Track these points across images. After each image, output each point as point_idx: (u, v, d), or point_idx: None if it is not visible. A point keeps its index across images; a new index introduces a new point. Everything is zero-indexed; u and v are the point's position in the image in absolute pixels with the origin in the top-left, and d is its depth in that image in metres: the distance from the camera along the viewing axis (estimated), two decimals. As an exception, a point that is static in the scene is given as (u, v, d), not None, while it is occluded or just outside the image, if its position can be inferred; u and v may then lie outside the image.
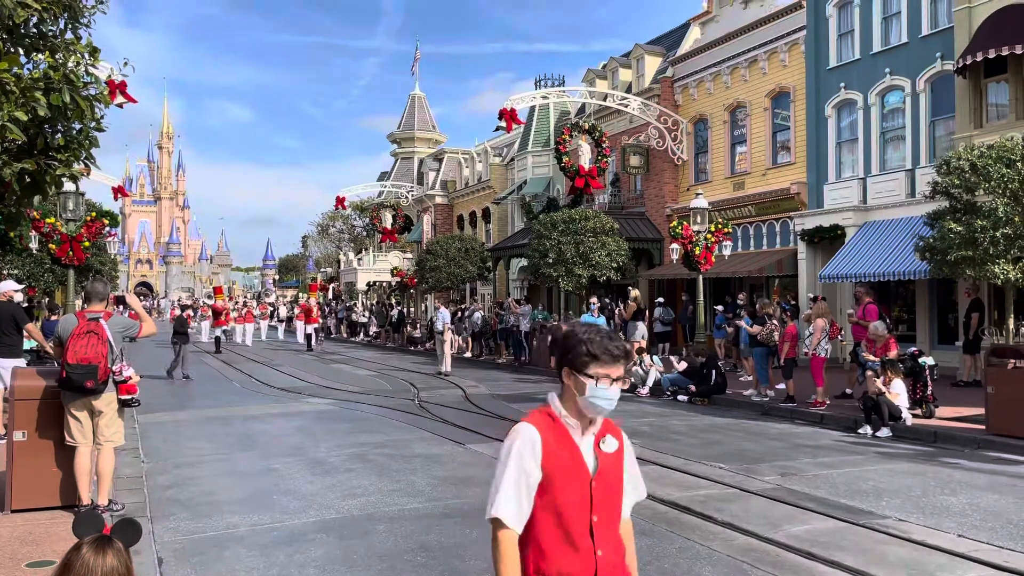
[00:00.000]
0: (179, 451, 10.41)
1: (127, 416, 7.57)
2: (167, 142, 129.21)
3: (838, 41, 21.71)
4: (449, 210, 44.99)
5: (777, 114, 24.01)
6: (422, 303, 41.38)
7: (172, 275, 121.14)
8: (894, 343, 12.76)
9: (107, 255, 30.08)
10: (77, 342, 6.63)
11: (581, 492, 2.39)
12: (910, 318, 19.99)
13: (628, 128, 29.17)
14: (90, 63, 5.75)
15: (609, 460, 2.45)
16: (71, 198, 14.58)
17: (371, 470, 9.10)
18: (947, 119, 18.58)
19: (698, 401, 14.98)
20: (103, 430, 6.82)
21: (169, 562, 5.87)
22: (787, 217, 22.90)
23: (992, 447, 10.32)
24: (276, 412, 14.21)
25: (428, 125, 53.05)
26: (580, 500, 2.38)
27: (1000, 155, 11.80)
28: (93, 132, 5.89)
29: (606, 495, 2.43)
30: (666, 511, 7.28)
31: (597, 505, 2.40)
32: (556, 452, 2.38)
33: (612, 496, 2.46)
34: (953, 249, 11.87)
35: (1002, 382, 10.61)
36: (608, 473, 2.44)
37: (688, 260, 19.11)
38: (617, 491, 2.48)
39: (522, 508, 2.38)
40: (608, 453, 2.45)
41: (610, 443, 2.47)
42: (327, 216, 70.31)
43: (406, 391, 17.35)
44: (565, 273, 22.18)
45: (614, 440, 2.48)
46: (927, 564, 5.82)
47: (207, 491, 8.19)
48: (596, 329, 2.48)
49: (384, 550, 6.16)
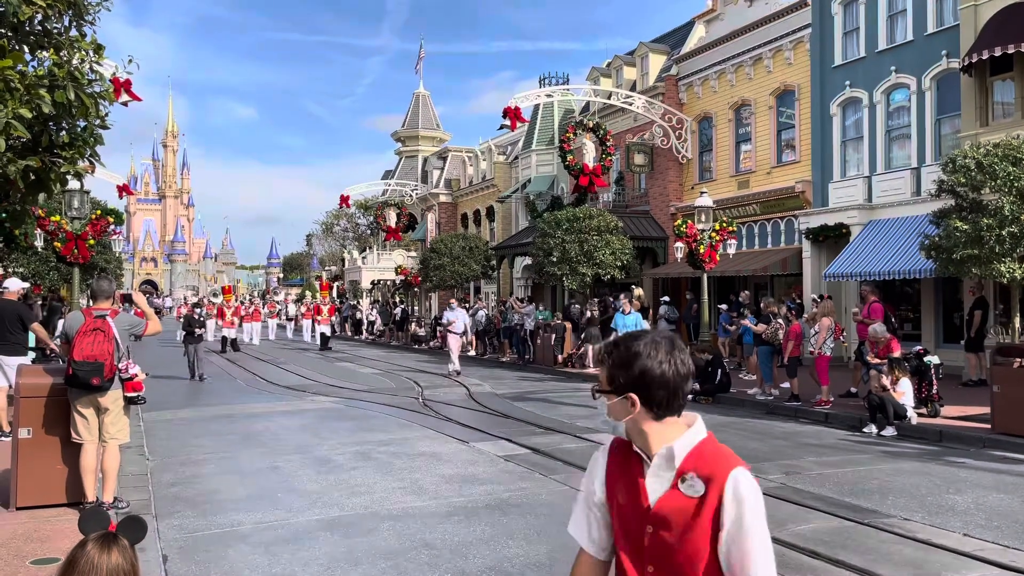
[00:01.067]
0: (184, 449, 10.43)
1: (132, 413, 7.60)
2: (172, 140, 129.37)
3: (843, 39, 21.64)
4: (453, 208, 44.98)
5: (782, 112, 23.95)
6: (426, 301, 41.41)
7: (176, 273, 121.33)
8: (896, 343, 12.72)
9: (112, 253, 30.09)
10: (83, 340, 6.65)
11: (634, 534, 2.02)
12: (915, 317, 19.93)
13: (632, 126, 29.13)
14: (95, 60, 5.75)
15: (681, 506, 1.93)
16: (76, 196, 14.60)
17: (375, 468, 9.11)
18: (953, 117, 18.51)
19: (702, 400, 14.96)
20: (109, 427, 6.84)
21: (174, 559, 5.88)
22: (792, 216, 22.85)
23: (998, 446, 10.28)
24: (280, 410, 14.22)
25: (432, 123, 53.05)
26: (633, 543, 2.03)
27: (1006, 153, 11.77)
28: (98, 129, 5.90)
29: (666, 548, 1.96)
30: (670, 510, 7.26)
31: (651, 555, 1.99)
32: (619, 478, 2.08)
33: (676, 552, 1.94)
34: (959, 248, 11.84)
35: (1008, 381, 10.57)
36: (674, 521, 1.94)
37: (692, 259, 19.08)
38: (687, 548, 1.93)
39: (592, 529, 2.14)
40: (683, 495, 1.94)
41: (693, 485, 1.93)
42: (331, 215, 70.41)
43: (410, 389, 17.36)
44: (569, 272, 22.18)
45: (701, 484, 1.92)
46: (932, 563, 5.80)
47: (212, 489, 8.20)
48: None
49: (388, 548, 6.16)
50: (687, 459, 1.97)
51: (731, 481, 1.91)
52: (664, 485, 1.98)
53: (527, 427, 12.11)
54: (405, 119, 53.17)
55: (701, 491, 1.92)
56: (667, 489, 1.97)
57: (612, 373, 2.05)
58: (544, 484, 8.32)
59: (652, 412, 2.01)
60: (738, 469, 1.94)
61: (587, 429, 11.80)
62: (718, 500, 1.91)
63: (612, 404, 2.05)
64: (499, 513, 7.15)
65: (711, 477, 1.93)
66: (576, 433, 11.41)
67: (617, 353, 2.05)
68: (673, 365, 1.99)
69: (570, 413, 13.61)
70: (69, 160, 5.81)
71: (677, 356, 2.01)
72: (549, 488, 8.13)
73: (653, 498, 1.99)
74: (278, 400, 15.69)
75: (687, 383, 2.02)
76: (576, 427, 12.02)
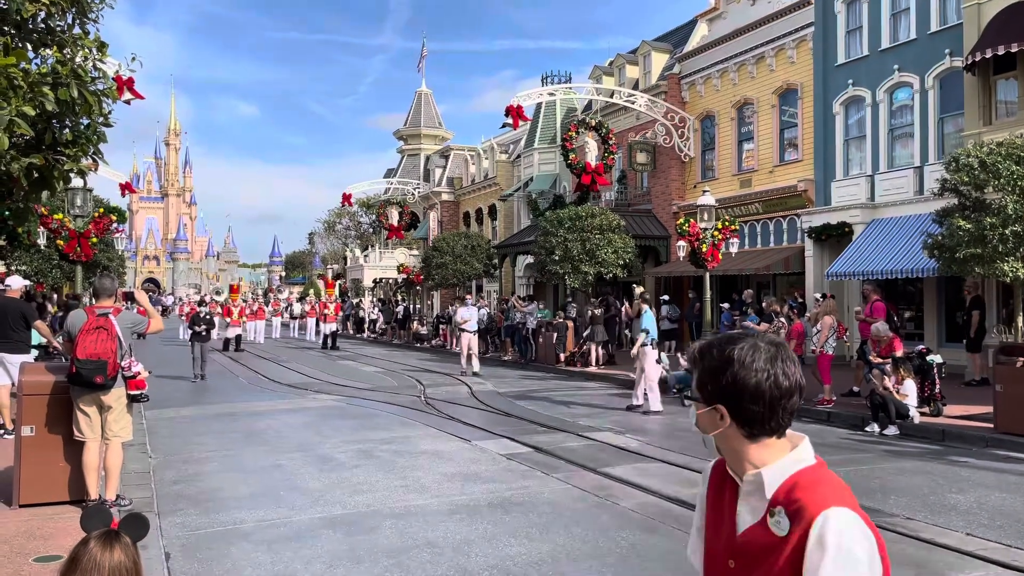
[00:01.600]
0: (186, 447, 10.44)
1: (134, 411, 7.60)
2: (174, 139, 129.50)
3: (846, 37, 21.60)
4: (455, 207, 44.98)
5: (785, 111, 23.92)
6: (428, 300, 41.41)
7: (179, 272, 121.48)
8: (898, 342, 12.70)
9: (115, 251, 30.04)
10: (86, 338, 6.65)
11: (719, 565, 1.80)
12: (918, 316, 19.90)
13: (635, 125, 29.11)
14: (98, 58, 5.75)
15: (766, 543, 1.67)
16: (79, 194, 14.62)
17: (377, 466, 9.11)
18: (956, 116, 18.48)
19: (704, 399, 14.96)
20: (111, 425, 6.85)
21: (176, 557, 5.89)
22: (794, 214, 22.82)
23: (1001, 445, 10.27)
24: (283, 408, 14.23)
25: (435, 122, 53.04)
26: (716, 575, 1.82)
27: (1009, 152, 11.74)
28: (101, 127, 5.90)
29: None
30: (672, 508, 7.26)
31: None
32: (715, 501, 1.86)
33: None
34: (962, 247, 11.81)
35: (1010, 380, 10.55)
36: (757, 559, 1.68)
37: (695, 257, 19.06)
38: None
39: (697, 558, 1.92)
40: (770, 531, 1.67)
41: (779, 522, 1.65)
42: (334, 213, 70.43)
43: (412, 387, 17.36)
44: (571, 270, 22.16)
45: (787, 521, 1.64)
46: (935, 563, 5.79)
47: (214, 487, 8.21)
48: None
49: (391, 546, 6.16)
50: (781, 489, 1.68)
51: (820, 522, 1.59)
52: (754, 516, 1.72)
53: (529, 425, 12.11)
54: (407, 117, 53.17)
55: (786, 530, 1.64)
56: (756, 521, 1.71)
57: (702, 379, 1.79)
58: (546, 483, 8.32)
59: (743, 429, 1.73)
60: (833, 509, 1.60)
61: (589, 428, 11.81)
62: (801, 544, 1.61)
63: (700, 414, 1.79)
64: (501, 511, 7.15)
65: (799, 514, 1.62)
66: (578, 432, 11.41)
67: (709, 357, 1.78)
68: (772, 376, 1.71)
69: (572, 412, 13.61)
70: (72, 158, 5.81)
71: (780, 366, 1.72)
72: (551, 487, 8.13)
73: (741, 528, 1.75)
74: (280, 398, 15.69)
75: (791, 399, 1.73)
76: (578, 426, 12.02)
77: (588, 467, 8.98)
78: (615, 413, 13.52)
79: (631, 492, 7.88)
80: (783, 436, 1.75)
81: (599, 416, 13.11)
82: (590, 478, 8.51)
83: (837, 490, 1.67)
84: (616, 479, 8.41)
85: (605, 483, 8.29)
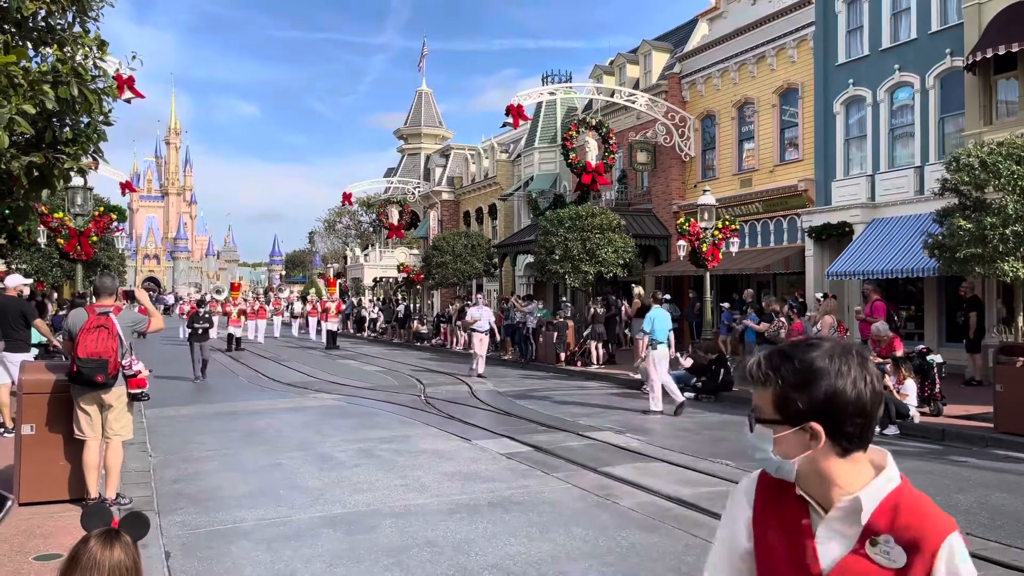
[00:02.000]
0: (186, 446, 10.44)
1: (135, 411, 7.61)
2: (174, 138, 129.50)
3: (847, 37, 21.60)
4: (456, 206, 44.98)
5: (785, 111, 23.91)
6: (428, 299, 41.41)
7: (179, 270, 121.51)
8: (898, 342, 12.70)
9: (115, 250, 30.05)
10: (87, 336, 6.65)
11: None
12: (918, 316, 19.90)
13: (635, 124, 29.10)
14: (98, 56, 5.74)
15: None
16: (79, 193, 14.62)
17: (377, 465, 9.11)
18: (956, 116, 18.47)
19: (704, 398, 14.95)
20: (112, 424, 6.85)
21: (176, 556, 5.89)
22: (795, 214, 22.81)
23: (1001, 445, 10.26)
24: (283, 407, 14.24)
25: (435, 121, 53.03)
26: None
27: (1010, 152, 11.74)
28: (101, 126, 5.89)
29: None
30: (672, 507, 7.27)
31: None
32: (773, 526, 1.64)
33: None
34: (962, 246, 11.82)
35: (1011, 380, 10.55)
36: None
37: (695, 257, 19.07)
38: None
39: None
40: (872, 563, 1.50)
41: (889, 552, 1.49)
42: (334, 212, 70.42)
43: (412, 387, 17.37)
44: (572, 270, 22.17)
45: (900, 552, 1.48)
46: (935, 562, 5.78)
47: (214, 486, 8.21)
48: None
49: (390, 545, 6.16)
50: (878, 513, 1.52)
51: (946, 551, 1.47)
52: (844, 546, 1.53)
53: (529, 425, 12.11)
54: (408, 116, 53.15)
55: (901, 562, 1.47)
56: (848, 552, 1.53)
57: (785, 395, 1.55)
58: (546, 482, 8.32)
59: (839, 447, 1.53)
60: (954, 535, 1.49)
61: (590, 427, 11.81)
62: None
63: (783, 437, 1.55)
64: (501, 511, 7.16)
65: (917, 543, 1.47)
66: (578, 431, 11.41)
67: (790, 368, 1.55)
68: (869, 383, 1.54)
69: (572, 411, 13.60)
70: (72, 156, 5.81)
71: (870, 371, 1.55)
72: (551, 486, 8.13)
73: (827, 562, 1.54)
74: (280, 397, 15.70)
75: (881, 405, 1.59)
76: (578, 425, 12.01)
77: (588, 466, 8.98)
78: (616, 412, 13.52)
79: (631, 491, 7.88)
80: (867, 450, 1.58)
81: (599, 415, 13.11)
82: (590, 477, 8.51)
83: (940, 512, 1.54)
84: (616, 478, 8.41)
85: (605, 482, 8.29)
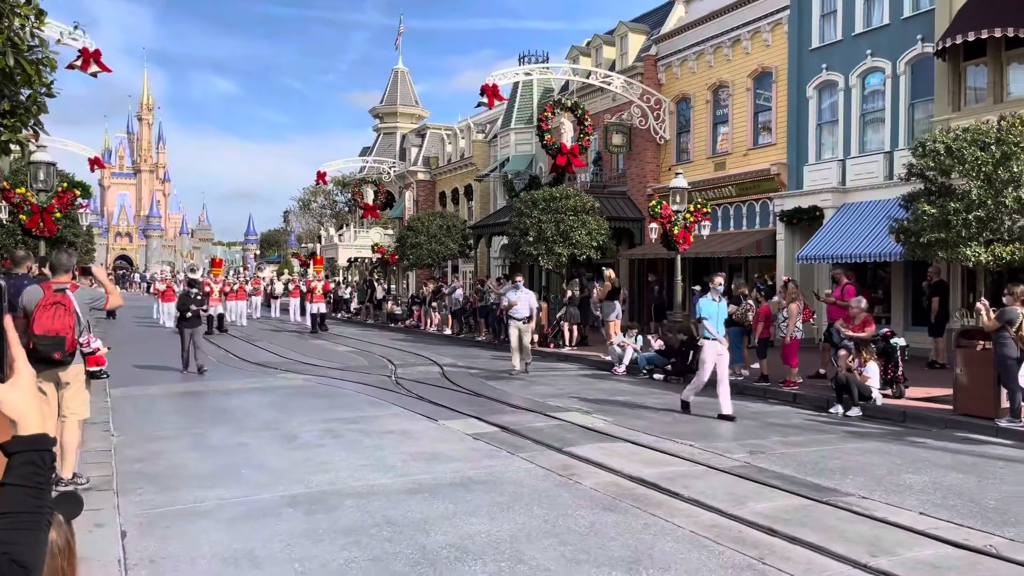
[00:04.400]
0: (150, 425, 10.35)
1: (98, 389, 7.53)
2: (147, 114, 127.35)
3: (821, 22, 21.67)
4: (431, 187, 44.74)
5: (759, 94, 23.98)
6: (403, 280, 41.26)
7: (152, 249, 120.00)
8: (871, 321, 12.83)
9: (79, 227, 29.35)
10: (43, 313, 6.55)
11: None
12: (886, 299, 20.15)
13: (611, 106, 29.06)
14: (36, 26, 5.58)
15: None
16: (42, 168, 14.34)
17: (342, 445, 9.09)
18: (927, 102, 18.63)
19: (674, 380, 15.06)
20: (68, 402, 6.77)
21: (132, 536, 5.84)
22: (767, 198, 22.96)
23: (959, 427, 10.45)
24: (251, 387, 14.15)
25: (411, 100, 52.57)
26: None
27: (975, 138, 11.87)
28: (43, 98, 5.75)
29: None
30: (633, 487, 7.32)
31: None
32: None
33: None
34: (926, 231, 11.96)
35: (970, 364, 10.74)
36: None
37: (667, 240, 19.13)
38: None
39: None
40: None
41: None
42: (308, 191, 69.78)
43: (383, 367, 17.32)
44: (545, 251, 22.15)
45: None
46: (887, 541, 5.89)
47: (176, 465, 8.15)
48: None
49: (350, 525, 6.16)
50: None
51: None
52: None
53: (497, 405, 12.13)
54: (384, 95, 52.63)
55: None
56: None
57: None
58: (510, 462, 8.35)
59: None
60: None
61: (557, 408, 11.86)
62: None
63: None
64: (463, 490, 7.17)
65: None
66: (546, 412, 11.45)
67: None
68: None
69: (542, 392, 13.65)
70: (11, 128, 5.66)
71: None
72: (515, 466, 8.16)
73: None
74: (248, 377, 15.59)
75: None
76: (547, 406, 12.06)
77: (553, 447, 9.03)
78: (585, 393, 13.58)
79: (594, 471, 7.93)
80: None
81: (568, 397, 13.16)
82: (555, 457, 8.55)
83: None
84: (580, 458, 8.46)
85: (569, 462, 8.33)
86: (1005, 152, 11.57)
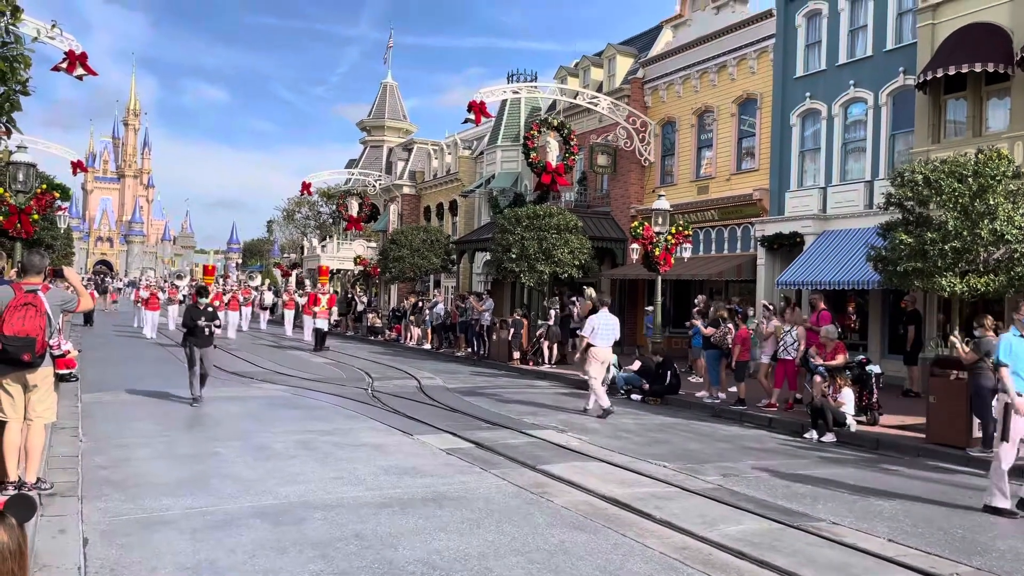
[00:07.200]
0: (120, 432, 10.20)
1: (70, 394, 7.41)
2: (133, 119, 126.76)
3: (806, 51, 21.95)
4: (416, 201, 44.73)
5: (744, 120, 24.21)
6: (385, 293, 41.09)
7: (133, 255, 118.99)
8: (842, 348, 12.94)
9: (58, 229, 28.91)
10: (14, 314, 6.46)
11: None
12: (863, 327, 20.30)
13: (597, 127, 29.23)
14: (11, 23, 5.53)
15: None
16: (22, 169, 14.20)
17: (314, 457, 9.00)
18: (907, 133, 18.88)
19: (651, 400, 15.07)
20: (35, 405, 6.66)
21: (95, 543, 5.73)
22: (748, 223, 23.12)
23: (931, 455, 10.52)
24: (225, 396, 14.00)
25: (399, 114, 52.66)
26: None
27: (952, 170, 12.03)
28: (17, 95, 5.68)
29: None
30: (605, 507, 7.29)
31: None
32: None
33: None
34: (903, 260, 12.08)
35: (943, 393, 10.83)
36: None
37: (648, 261, 19.21)
38: None
39: None
40: None
41: None
42: (293, 201, 69.50)
43: (360, 380, 17.21)
44: (527, 269, 22.18)
45: None
46: (855, 567, 5.90)
47: (143, 472, 8.03)
48: None
49: (318, 537, 6.09)
50: None
51: None
52: None
53: (474, 421, 12.08)
54: (372, 108, 52.69)
55: None
56: None
57: None
58: (483, 478, 8.30)
59: None
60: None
61: (533, 425, 11.82)
62: None
63: None
64: (435, 506, 7.12)
65: None
66: (522, 429, 11.41)
67: None
68: None
69: (518, 409, 13.60)
70: (-20, 125, 5.61)
71: None
72: (487, 482, 8.12)
73: None
74: (224, 386, 15.43)
75: None
76: (523, 423, 12.02)
77: (527, 464, 8.99)
78: (561, 411, 13.55)
79: (566, 490, 7.90)
80: None
81: (544, 414, 13.13)
82: (528, 475, 8.51)
83: None
84: (553, 476, 8.43)
85: (542, 480, 8.30)
86: (982, 184, 11.73)
